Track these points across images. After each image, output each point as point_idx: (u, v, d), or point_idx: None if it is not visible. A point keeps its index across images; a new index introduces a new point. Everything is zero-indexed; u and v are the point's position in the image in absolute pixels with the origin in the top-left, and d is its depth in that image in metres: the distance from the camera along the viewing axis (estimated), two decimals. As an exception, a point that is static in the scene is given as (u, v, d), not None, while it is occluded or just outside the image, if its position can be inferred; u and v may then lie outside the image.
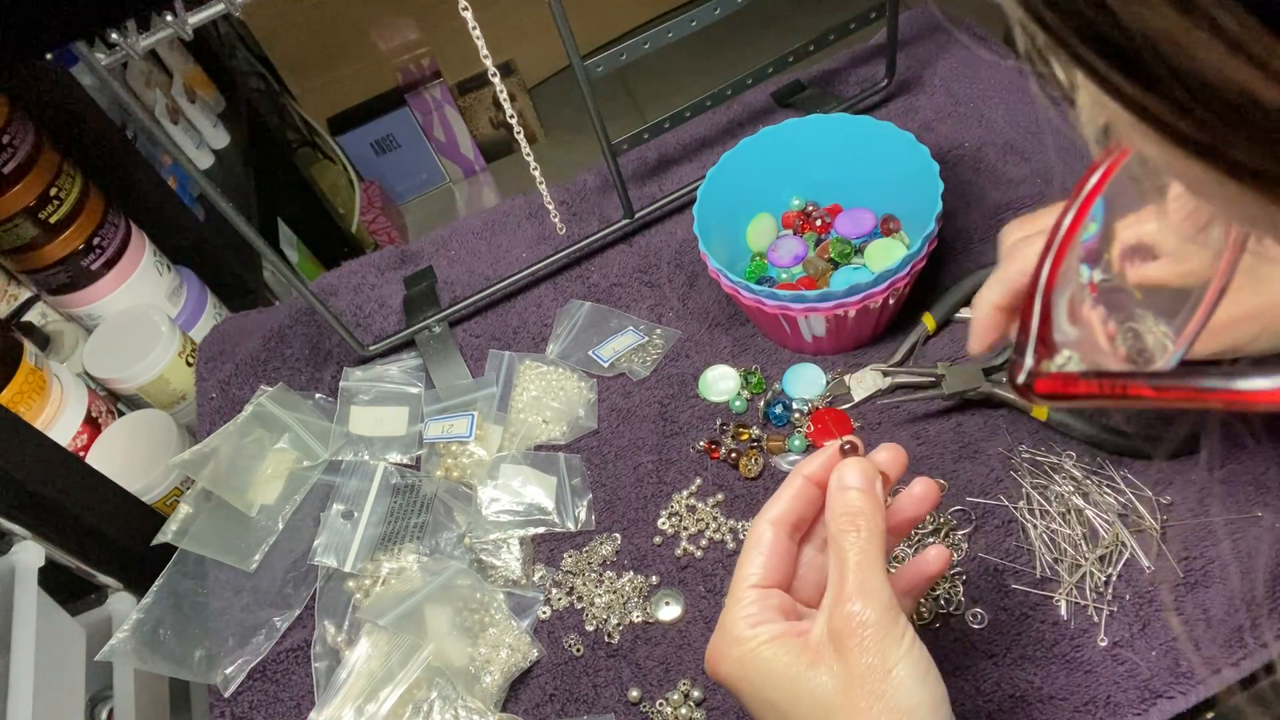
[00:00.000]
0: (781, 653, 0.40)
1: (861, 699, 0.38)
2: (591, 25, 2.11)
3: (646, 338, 0.79)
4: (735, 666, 0.41)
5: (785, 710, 0.40)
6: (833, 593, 0.40)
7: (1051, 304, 0.28)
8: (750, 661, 0.41)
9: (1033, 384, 0.27)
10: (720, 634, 0.43)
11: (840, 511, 0.42)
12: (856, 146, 0.75)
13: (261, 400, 0.78)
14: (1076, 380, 0.26)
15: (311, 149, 2.05)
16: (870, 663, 0.38)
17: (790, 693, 0.39)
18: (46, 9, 0.51)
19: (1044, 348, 0.27)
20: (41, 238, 1.06)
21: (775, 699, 0.40)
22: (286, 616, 0.71)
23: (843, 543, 0.41)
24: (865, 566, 0.40)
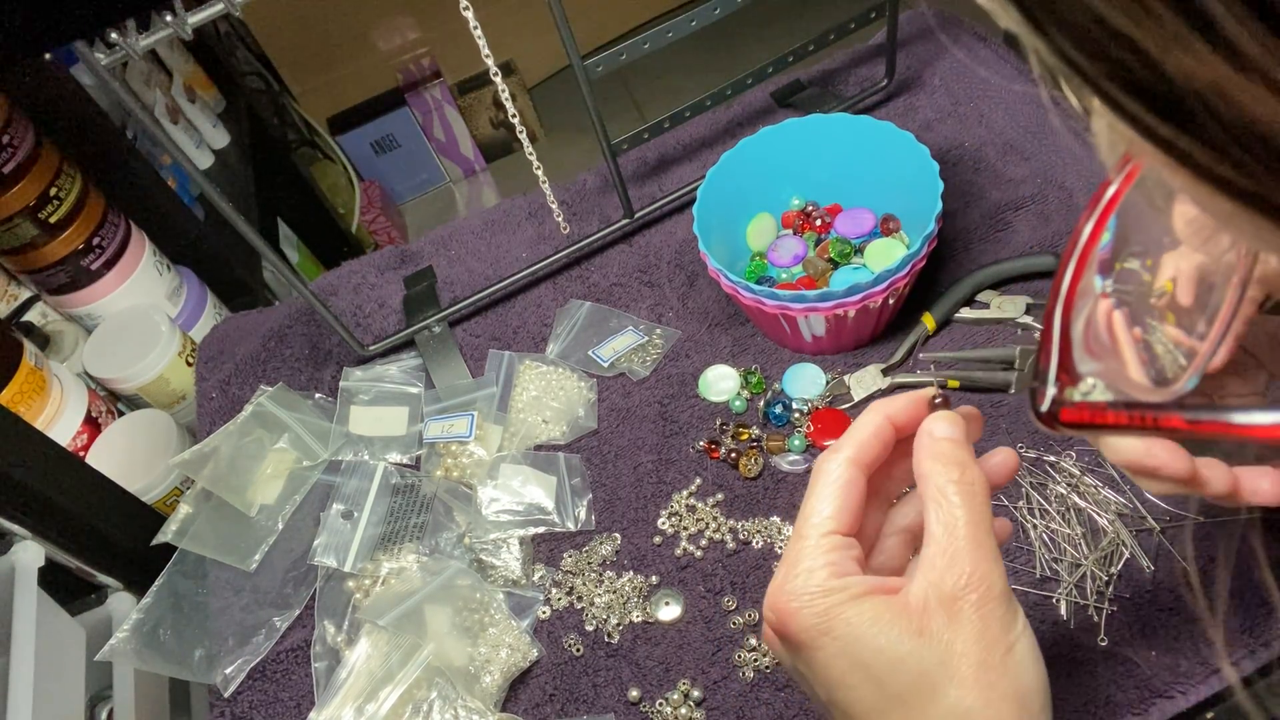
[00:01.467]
0: (882, 611, 0.34)
1: (978, 675, 0.33)
2: (591, 25, 2.11)
3: (646, 338, 0.79)
4: (816, 620, 0.35)
5: (880, 676, 0.34)
6: (939, 551, 0.35)
7: (1070, 328, 0.27)
8: (839, 616, 0.35)
9: (1058, 413, 0.26)
10: (793, 583, 0.36)
11: (948, 461, 0.37)
12: (856, 146, 0.75)
13: (261, 400, 0.78)
14: (1104, 410, 0.24)
15: (311, 149, 2.05)
16: (993, 636, 0.34)
17: (889, 658, 0.34)
18: (46, 9, 0.51)
19: (1066, 375, 0.26)
20: (41, 238, 1.06)
21: (870, 662, 0.34)
22: (286, 616, 0.71)
23: (951, 496, 0.36)
24: (978, 525, 0.35)
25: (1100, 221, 0.27)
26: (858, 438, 0.39)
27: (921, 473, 0.37)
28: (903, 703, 0.34)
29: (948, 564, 0.34)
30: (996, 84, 0.88)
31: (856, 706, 0.35)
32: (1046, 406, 0.26)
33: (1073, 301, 0.27)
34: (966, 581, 0.34)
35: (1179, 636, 0.55)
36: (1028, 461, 0.64)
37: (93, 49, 0.56)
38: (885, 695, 0.34)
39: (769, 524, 0.67)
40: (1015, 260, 0.73)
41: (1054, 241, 0.75)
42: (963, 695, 0.33)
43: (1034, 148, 0.82)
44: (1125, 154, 0.24)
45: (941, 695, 0.33)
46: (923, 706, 0.33)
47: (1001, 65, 0.89)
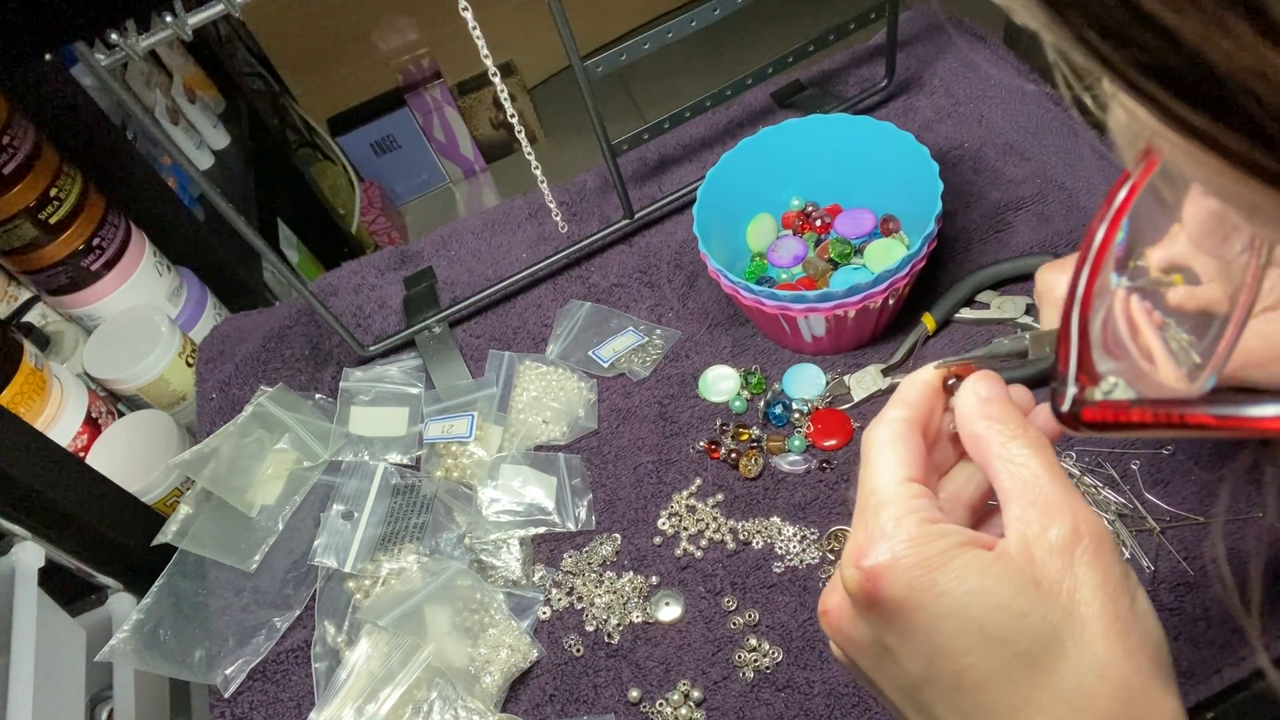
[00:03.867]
0: (991, 563, 0.31)
1: (1109, 625, 0.30)
2: (591, 25, 2.11)
3: (646, 338, 0.79)
4: (918, 575, 0.30)
5: (1000, 636, 0.30)
6: (1029, 505, 0.32)
7: (1089, 327, 0.26)
8: (944, 567, 0.30)
9: (1079, 414, 0.25)
10: (882, 536, 0.32)
11: (1004, 418, 0.34)
12: (856, 146, 0.75)
13: (261, 400, 0.78)
14: (1128, 409, 0.24)
15: (311, 149, 2.05)
16: (1115, 584, 0.30)
17: (1010, 614, 0.30)
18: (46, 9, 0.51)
19: (1086, 376, 0.25)
20: (41, 238, 1.06)
21: (986, 620, 0.30)
22: (286, 617, 0.71)
23: (1019, 449, 0.33)
24: (1059, 473, 0.33)
25: (1116, 218, 0.27)
26: (905, 397, 0.36)
27: (976, 435, 0.34)
28: (1031, 663, 0.30)
29: (1046, 516, 0.31)
30: (996, 84, 0.88)
31: (970, 674, 0.30)
32: (1068, 407, 0.25)
33: (1090, 300, 0.26)
34: (1073, 530, 0.31)
35: (1179, 636, 0.55)
36: (1028, 462, 0.64)
37: (93, 49, 0.56)
38: (1008, 657, 0.30)
39: (769, 524, 0.67)
40: (1015, 260, 0.73)
41: (1054, 242, 0.75)
42: (1098, 649, 0.29)
43: (1034, 148, 0.82)
44: (1144, 148, 0.24)
45: (1074, 650, 0.29)
46: (1053, 665, 0.29)
47: (1001, 65, 0.89)
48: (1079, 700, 0.29)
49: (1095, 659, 0.29)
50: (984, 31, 0.94)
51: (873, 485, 0.33)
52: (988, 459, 0.34)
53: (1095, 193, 0.77)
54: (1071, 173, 0.79)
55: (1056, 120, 0.83)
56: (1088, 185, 0.78)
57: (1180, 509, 0.60)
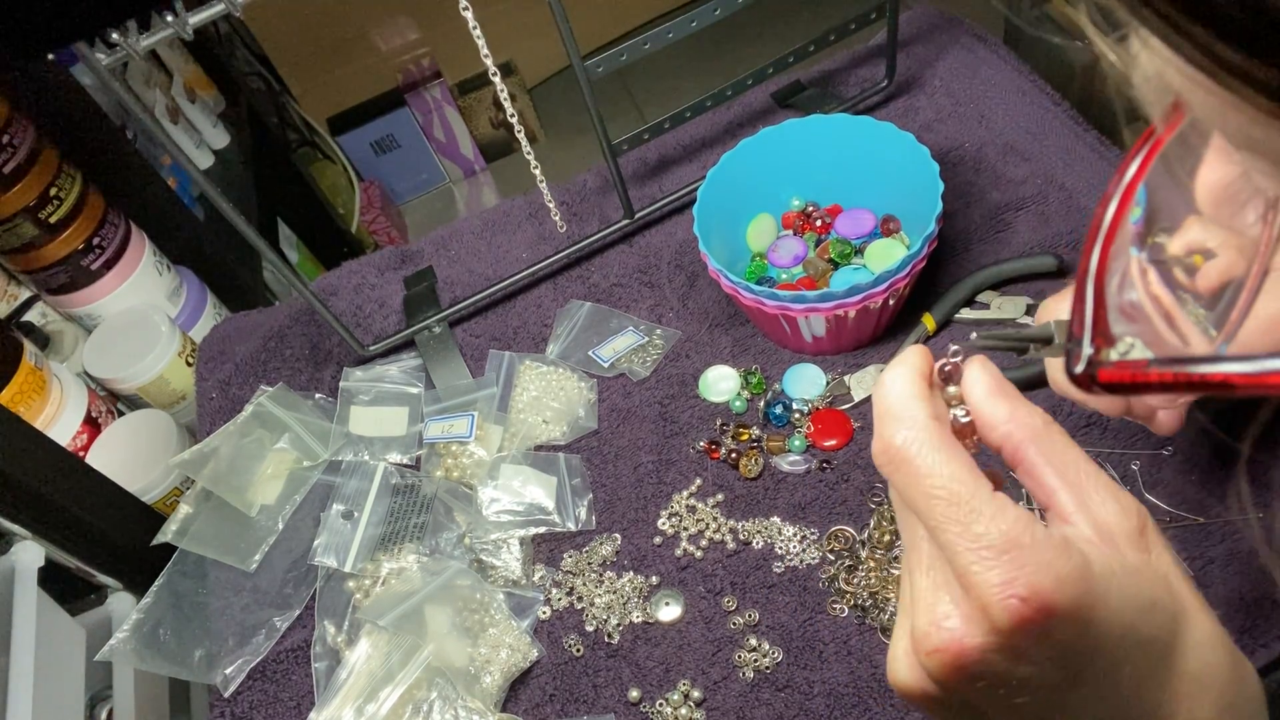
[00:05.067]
0: (1109, 558, 0.29)
1: (1195, 599, 0.30)
2: (591, 25, 2.11)
3: (646, 338, 0.79)
4: (1079, 586, 0.28)
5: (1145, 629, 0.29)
6: (1089, 489, 0.31)
7: (1105, 289, 0.25)
8: (1091, 569, 0.28)
9: (1095, 374, 0.24)
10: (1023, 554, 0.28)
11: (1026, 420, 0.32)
12: (856, 147, 0.75)
13: (261, 400, 0.78)
14: (1145, 369, 0.23)
15: (311, 149, 2.05)
16: (1175, 561, 0.31)
17: (1145, 602, 0.29)
18: (46, 9, 0.51)
19: (1101, 338, 0.25)
20: (41, 238, 1.06)
21: (1134, 618, 0.28)
22: (286, 616, 0.71)
23: (1061, 434, 0.32)
24: (1091, 463, 0.32)
25: (1136, 177, 0.26)
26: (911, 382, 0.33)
27: (1003, 417, 0.32)
28: (1167, 650, 0.29)
29: (1111, 501, 0.30)
30: (997, 84, 0.88)
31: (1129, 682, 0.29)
32: (1082, 368, 0.25)
33: (1105, 262, 0.26)
34: (1140, 513, 0.30)
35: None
36: (1028, 462, 0.64)
37: (93, 49, 0.56)
38: (1156, 650, 0.29)
39: (769, 524, 0.67)
40: (1015, 261, 0.73)
41: (1054, 242, 0.75)
42: (1204, 625, 0.30)
43: (1034, 148, 0.82)
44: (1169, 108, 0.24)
45: (1188, 631, 0.29)
46: (1182, 650, 0.29)
47: (1001, 65, 0.89)
48: (1205, 677, 0.29)
49: (1205, 635, 0.29)
50: (984, 31, 0.94)
51: (968, 514, 0.29)
52: (1023, 446, 0.32)
53: (1095, 193, 0.77)
54: (1072, 173, 0.79)
55: (1057, 120, 0.83)
56: (1088, 185, 0.78)
57: (1180, 509, 0.60)
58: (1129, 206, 0.26)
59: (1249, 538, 0.57)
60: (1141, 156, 0.26)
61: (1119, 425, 0.64)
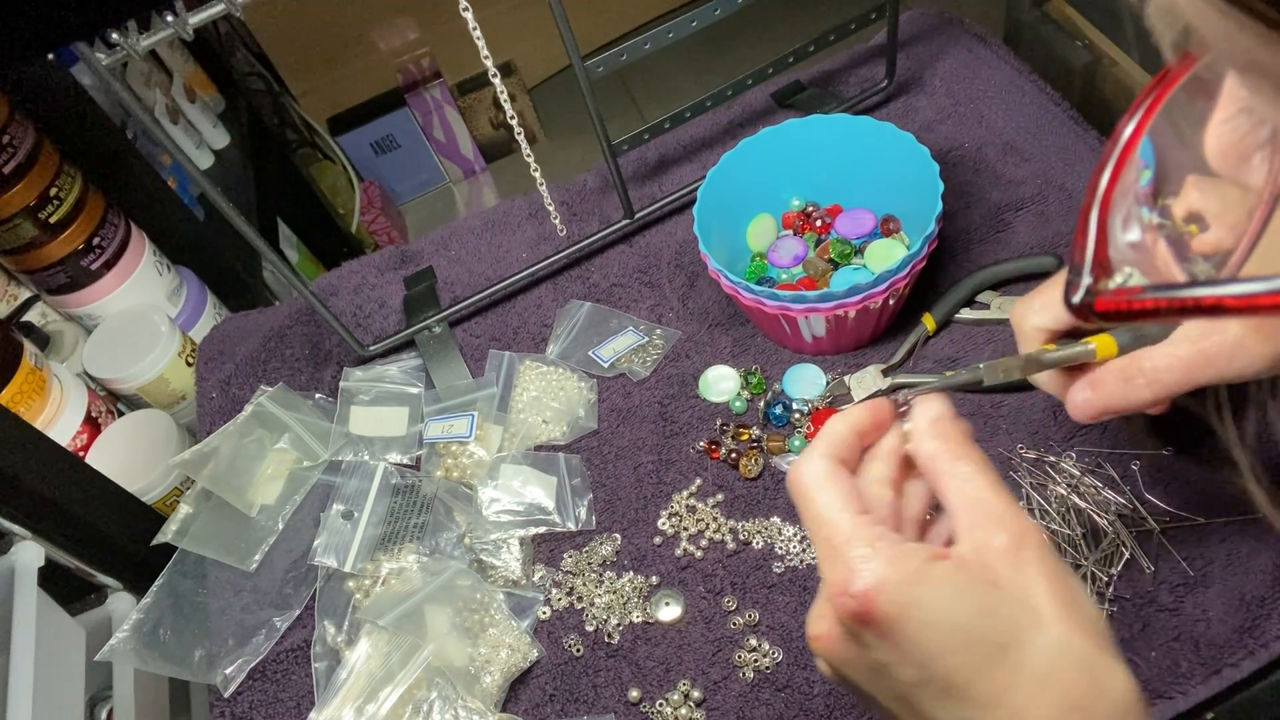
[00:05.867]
0: (955, 571, 0.34)
1: (1063, 611, 0.34)
2: (591, 25, 2.11)
3: (646, 338, 0.79)
4: (904, 591, 0.34)
5: (979, 632, 0.33)
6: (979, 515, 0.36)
7: (1108, 222, 0.27)
8: (923, 582, 0.34)
9: (1092, 303, 0.26)
10: (861, 565, 0.34)
11: (952, 438, 0.38)
12: (856, 147, 0.75)
13: (261, 400, 0.78)
14: (1141, 295, 0.24)
15: (311, 149, 2.05)
16: (1062, 580, 0.34)
17: (982, 610, 0.34)
18: (46, 9, 0.51)
19: (1100, 269, 0.26)
20: (41, 238, 1.05)
21: (965, 622, 0.33)
22: (286, 616, 0.71)
23: (966, 465, 0.37)
24: (1003, 488, 0.36)
25: (1149, 112, 0.27)
26: (827, 438, 0.40)
27: (928, 453, 0.38)
28: (1006, 653, 0.33)
29: (993, 525, 0.35)
30: (996, 84, 0.88)
31: (961, 672, 0.33)
32: (1080, 297, 0.26)
33: (1111, 196, 0.27)
34: (1020, 536, 0.35)
35: (1179, 636, 0.55)
36: (1028, 462, 0.64)
37: (93, 49, 0.56)
38: (987, 651, 0.33)
39: (769, 524, 0.67)
40: (1015, 261, 0.73)
41: (1054, 242, 0.75)
42: (1055, 631, 0.33)
43: (1034, 148, 0.82)
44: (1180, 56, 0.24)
45: (1036, 636, 0.33)
46: (1022, 651, 0.33)
47: (1001, 65, 0.89)
48: (1049, 676, 0.33)
49: (1055, 639, 0.33)
50: (984, 31, 0.94)
51: (831, 523, 0.36)
52: (937, 476, 0.37)
53: (1095, 193, 0.77)
54: (1072, 173, 0.79)
55: (1056, 120, 0.83)
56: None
57: (1180, 509, 0.60)
58: (1138, 144, 0.27)
59: (1249, 537, 0.57)
60: (1152, 98, 0.27)
61: (1119, 426, 0.65)
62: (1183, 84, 0.26)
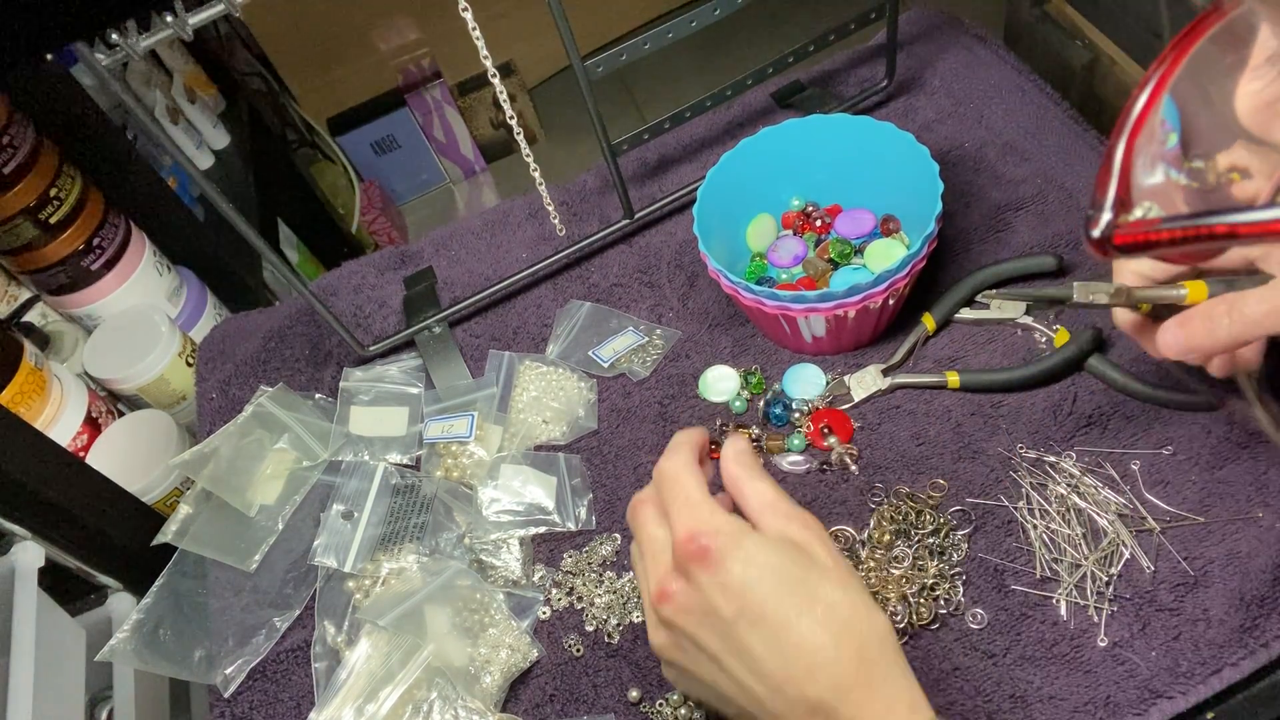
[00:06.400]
0: (765, 536, 0.45)
1: (839, 564, 0.45)
2: (591, 25, 2.11)
3: (646, 338, 0.79)
4: (735, 539, 0.44)
5: (784, 572, 0.43)
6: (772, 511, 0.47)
7: (1131, 164, 0.28)
8: (747, 535, 0.44)
9: (1111, 236, 0.27)
10: (708, 517, 0.45)
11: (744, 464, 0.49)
12: (856, 147, 0.75)
13: (261, 400, 0.78)
14: (1158, 227, 0.25)
15: (311, 149, 2.05)
16: (834, 552, 0.46)
17: (787, 559, 0.44)
18: (46, 9, 0.51)
19: (1121, 205, 0.27)
20: (41, 238, 1.06)
21: (775, 564, 0.44)
22: (286, 616, 0.71)
23: (756, 481, 0.48)
24: (787, 495, 0.48)
25: (1178, 57, 0.27)
26: (688, 441, 0.50)
27: (733, 475, 0.49)
28: (801, 585, 0.43)
29: (787, 517, 0.46)
30: (996, 84, 0.88)
31: (769, 602, 0.43)
32: (1100, 231, 0.27)
33: (1138, 132, 0.28)
34: (807, 521, 0.46)
35: (1179, 636, 0.55)
36: (1028, 461, 0.64)
37: (93, 49, 0.56)
38: (790, 585, 0.43)
39: (769, 524, 0.67)
40: (1015, 260, 0.73)
41: (1054, 242, 0.75)
42: (838, 579, 0.44)
43: (1034, 148, 0.82)
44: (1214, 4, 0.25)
45: (824, 581, 0.44)
46: (813, 589, 0.43)
47: (1001, 65, 0.89)
48: (832, 608, 0.43)
49: (837, 585, 0.44)
50: (984, 31, 0.94)
51: (688, 495, 0.47)
52: (740, 487, 0.48)
53: (1095, 193, 0.77)
54: (1072, 173, 0.79)
55: (1056, 120, 0.83)
56: (1088, 185, 0.78)
57: (1180, 509, 0.60)
58: (1166, 88, 0.27)
59: (1249, 537, 0.57)
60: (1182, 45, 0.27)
61: (1119, 425, 0.65)
62: (1214, 33, 0.27)
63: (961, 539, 0.62)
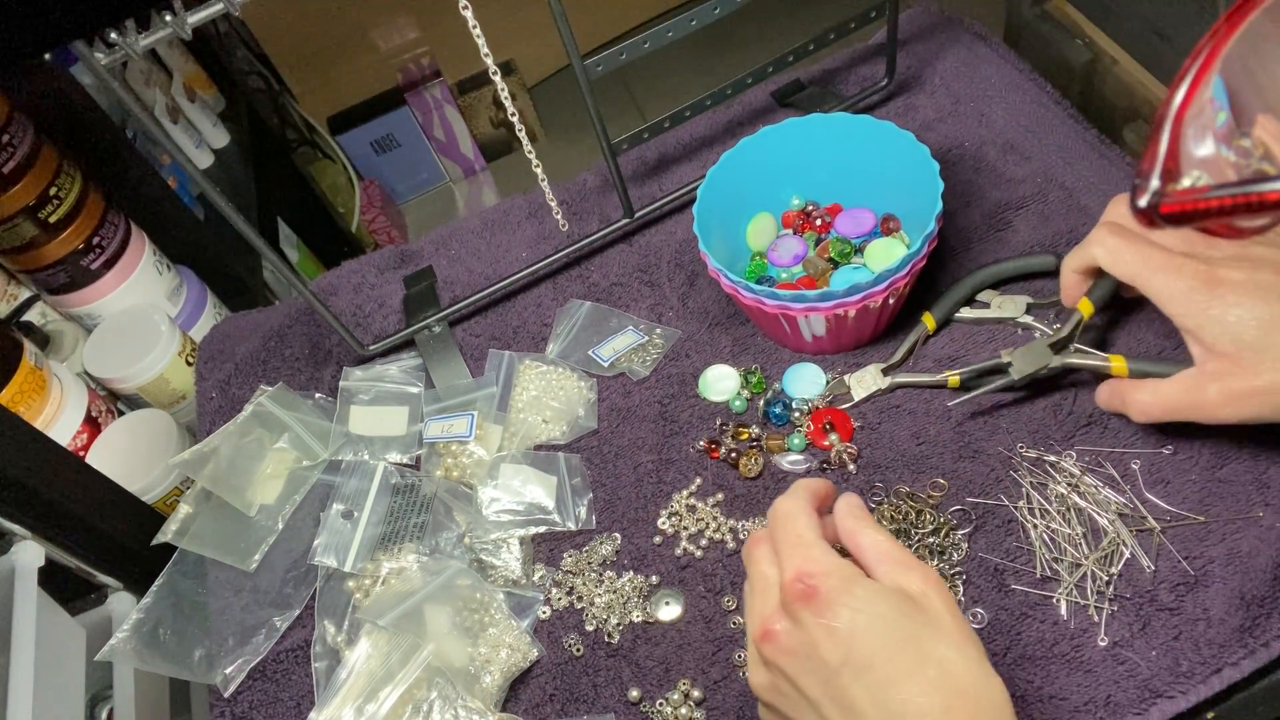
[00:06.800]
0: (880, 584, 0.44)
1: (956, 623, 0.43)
2: (591, 25, 2.11)
3: (646, 337, 0.79)
4: (847, 583, 0.43)
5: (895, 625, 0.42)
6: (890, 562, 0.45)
7: (1180, 134, 0.28)
8: (859, 582, 0.43)
9: (1158, 205, 0.27)
10: (822, 558, 0.44)
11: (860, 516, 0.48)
12: (856, 146, 0.75)
13: (261, 400, 0.78)
14: (1206, 195, 0.26)
15: (311, 148, 2.05)
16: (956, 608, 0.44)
17: (900, 611, 0.42)
18: (46, 9, 0.51)
19: (1168, 174, 0.28)
20: (41, 237, 1.06)
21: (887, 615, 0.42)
22: (286, 616, 0.71)
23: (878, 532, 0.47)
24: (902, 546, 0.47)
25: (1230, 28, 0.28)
26: (809, 488, 0.50)
27: (849, 528, 0.48)
28: (913, 643, 0.42)
29: (905, 567, 0.45)
30: (997, 83, 0.88)
31: (880, 654, 0.41)
32: (1147, 200, 0.27)
33: (1185, 111, 0.28)
34: (925, 574, 0.45)
35: (1179, 636, 0.55)
36: (1028, 461, 0.64)
37: (92, 49, 0.56)
38: (900, 639, 0.41)
39: (769, 524, 0.67)
40: (1015, 260, 0.73)
41: (1054, 242, 0.75)
42: (955, 640, 0.42)
43: (1034, 148, 0.82)
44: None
45: (940, 639, 0.42)
46: (925, 647, 0.41)
47: (1001, 64, 0.89)
48: (946, 670, 0.41)
49: (953, 646, 0.42)
50: (984, 30, 0.94)
51: (800, 535, 0.46)
52: (856, 540, 0.47)
53: (1096, 192, 0.77)
54: (1072, 172, 0.79)
55: (1057, 119, 0.83)
56: (1088, 184, 0.78)
57: (1180, 509, 0.60)
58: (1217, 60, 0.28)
59: (1249, 537, 0.57)
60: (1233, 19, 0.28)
61: (1119, 425, 0.64)
62: (1269, 6, 0.27)
63: (961, 538, 0.62)
